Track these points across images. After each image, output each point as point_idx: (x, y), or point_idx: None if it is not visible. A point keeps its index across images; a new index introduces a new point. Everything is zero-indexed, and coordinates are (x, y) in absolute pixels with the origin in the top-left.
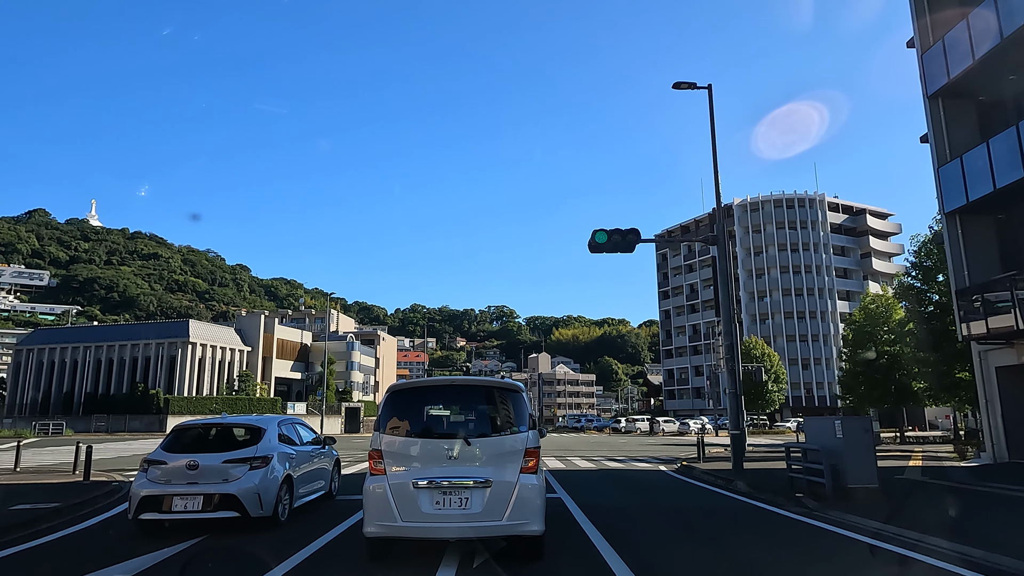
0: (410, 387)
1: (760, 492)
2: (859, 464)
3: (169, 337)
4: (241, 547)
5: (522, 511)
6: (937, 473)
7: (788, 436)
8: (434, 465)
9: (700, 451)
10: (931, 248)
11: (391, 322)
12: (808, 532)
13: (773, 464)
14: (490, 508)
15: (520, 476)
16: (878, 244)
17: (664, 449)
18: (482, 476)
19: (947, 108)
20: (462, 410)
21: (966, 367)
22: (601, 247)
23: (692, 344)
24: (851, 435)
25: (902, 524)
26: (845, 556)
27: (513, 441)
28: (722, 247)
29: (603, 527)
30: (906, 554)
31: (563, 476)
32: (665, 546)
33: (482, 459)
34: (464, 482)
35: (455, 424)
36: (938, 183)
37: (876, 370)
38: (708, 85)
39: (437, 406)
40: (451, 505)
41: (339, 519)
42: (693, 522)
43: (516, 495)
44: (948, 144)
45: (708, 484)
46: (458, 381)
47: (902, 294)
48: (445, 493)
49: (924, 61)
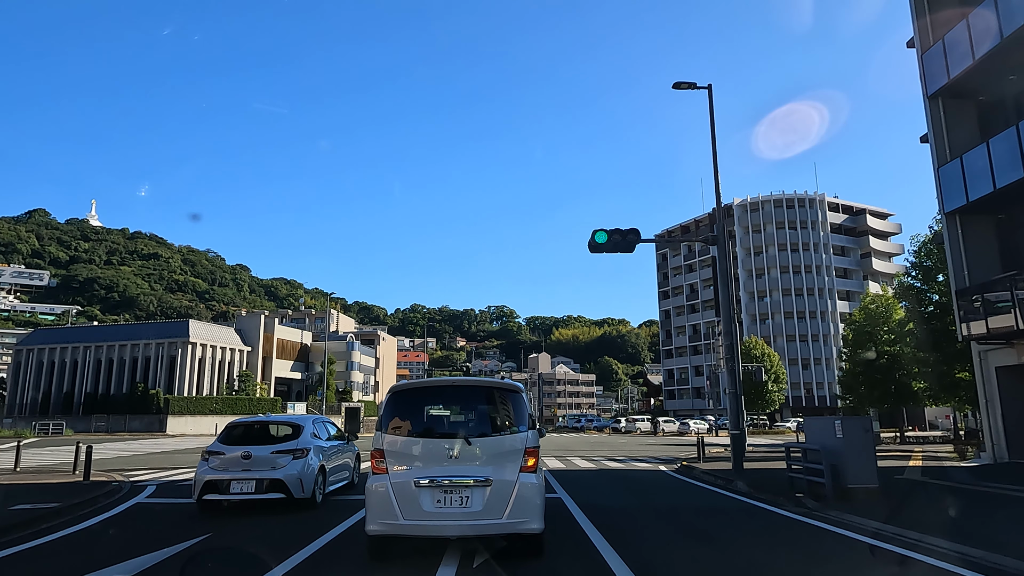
0: (411, 387)
1: (760, 492)
2: (859, 464)
3: (169, 337)
4: (242, 547)
5: (522, 509)
6: (937, 473)
7: (788, 436)
8: (435, 464)
9: (700, 451)
10: (931, 248)
11: (391, 322)
12: (808, 532)
13: (773, 464)
14: (490, 506)
15: (520, 475)
16: (878, 244)
17: (664, 449)
18: (482, 475)
19: (947, 108)
20: (463, 410)
21: (966, 367)
22: (601, 247)
23: (692, 344)
24: (851, 435)
25: (902, 524)
26: (845, 556)
27: (513, 441)
28: (722, 247)
29: (603, 527)
30: (906, 554)
31: (563, 476)
32: (665, 546)
33: (482, 458)
34: (465, 481)
35: (456, 424)
36: (938, 183)
37: (876, 370)
38: (708, 85)
39: (438, 406)
40: (452, 504)
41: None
42: (693, 522)
43: (516, 494)
44: (948, 144)
45: (708, 484)
46: (459, 382)
47: (902, 294)
48: (446, 492)
49: (924, 61)
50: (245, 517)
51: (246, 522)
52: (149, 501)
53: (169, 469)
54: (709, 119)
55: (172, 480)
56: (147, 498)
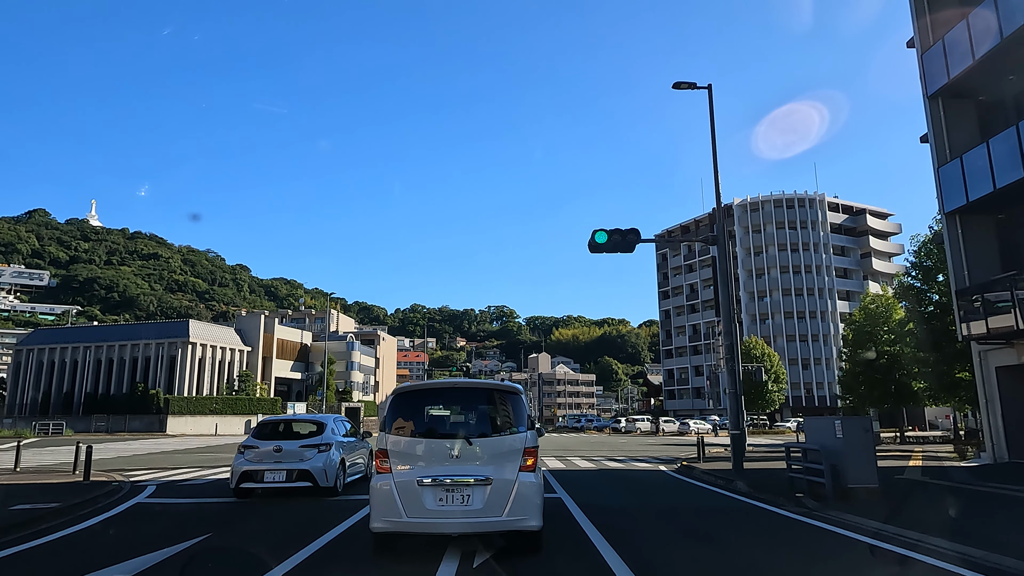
0: (414, 389)
1: (760, 492)
2: (859, 464)
3: (169, 337)
4: (242, 547)
5: (521, 507)
6: (937, 473)
7: (788, 436)
8: (437, 464)
9: (700, 451)
10: (931, 248)
11: (391, 322)
12: (808, 532)
13: (773, 464)
14: (491, 504)
15: (519, 474)
16: (878, 244)
17: (664, 449)
18: (483, 474)
19: (947, 108)
20: (463, 411)
21: (966, 367)
22: (601, 247)
23: (692, 344)
24: (851, 435)
25: (902, 524)
26: (845, 556)
27: (512, 441)
28: (722, 247)
29: (603, 527)
30: (906, 554)
31: (563, 476)
32: (665, 546)
33: (483, 458)
34: (466, 480)
35: (457, 424)
36: (938, 183)
37: (876, 370)
38: (708, 85)
39: (439, 407)
40: (453, 502)
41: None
42: (693, 522)
43: (515, 492)
44: (948, 144)
45: (708, 484)
46: (460, 383)
47: (902, 294)
48: (448, 490)
49: (924, 61)
50: (245, 519)
51: (247, 522)
52: (149, 501)
53: (169, 469)
54: (709, 119)
55: (172, 480)
56: (147, 498)
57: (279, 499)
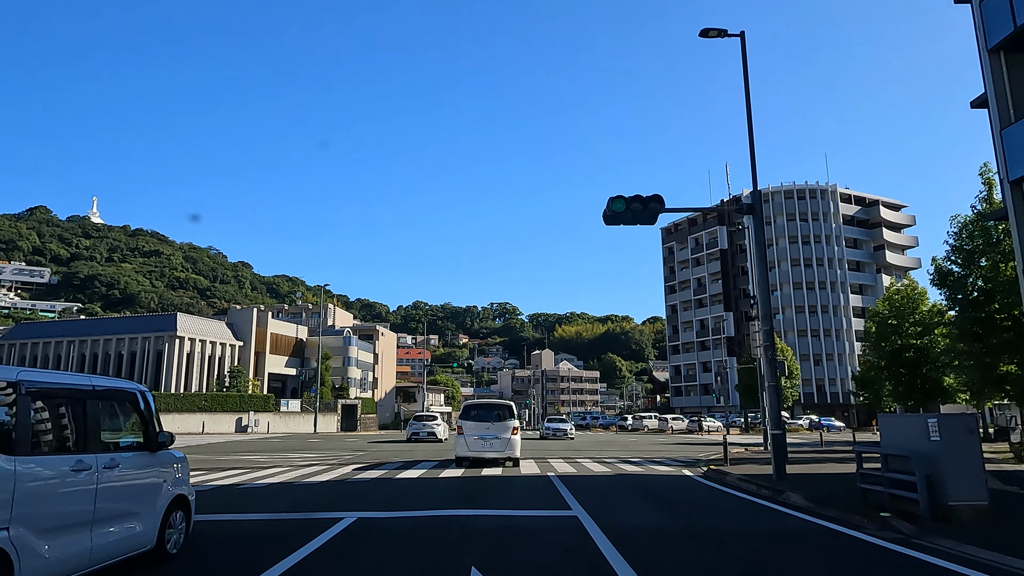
0: (471, 403)
1: (824, 508)
2: (963, 475)
3: (156, 331)
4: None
5: (512, 449)
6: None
7: (801, 434)
8: (480, 431)
9: (726, 453)
10: (972, 229)
11: (393, 319)
12: (917, 570)
13: (815, 468)
14: (500, 447)
15: (511, 436)
16: (891, 236)
17: (679, 449)
18: (497, 435)
19: (1011, 62)
20: (489, 409)
21: (1014, 359)
22: (619, 217)
23: (700, 340)
24: (951, 437)
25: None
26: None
27: (509, 423)
28: (759, 219)
29: (646, 571)
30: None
31: (576, 484)
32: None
33: (497, 429)
34: (491, 436)
35: (487, 415)
36: (999, 148)
37: (902, 364)
38: (741, 32)
39: (480, 408)
40: (487, 445)
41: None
42: (763, 557)
43: (509, 443)
44: (1011, 103)
45: (750, 495)
46: (487, 401)
47: (940, 280)
48: (484, 440)
49: (982, 10)
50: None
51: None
52: None
53: None
54: (743, 71)
55: None
56: None
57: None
